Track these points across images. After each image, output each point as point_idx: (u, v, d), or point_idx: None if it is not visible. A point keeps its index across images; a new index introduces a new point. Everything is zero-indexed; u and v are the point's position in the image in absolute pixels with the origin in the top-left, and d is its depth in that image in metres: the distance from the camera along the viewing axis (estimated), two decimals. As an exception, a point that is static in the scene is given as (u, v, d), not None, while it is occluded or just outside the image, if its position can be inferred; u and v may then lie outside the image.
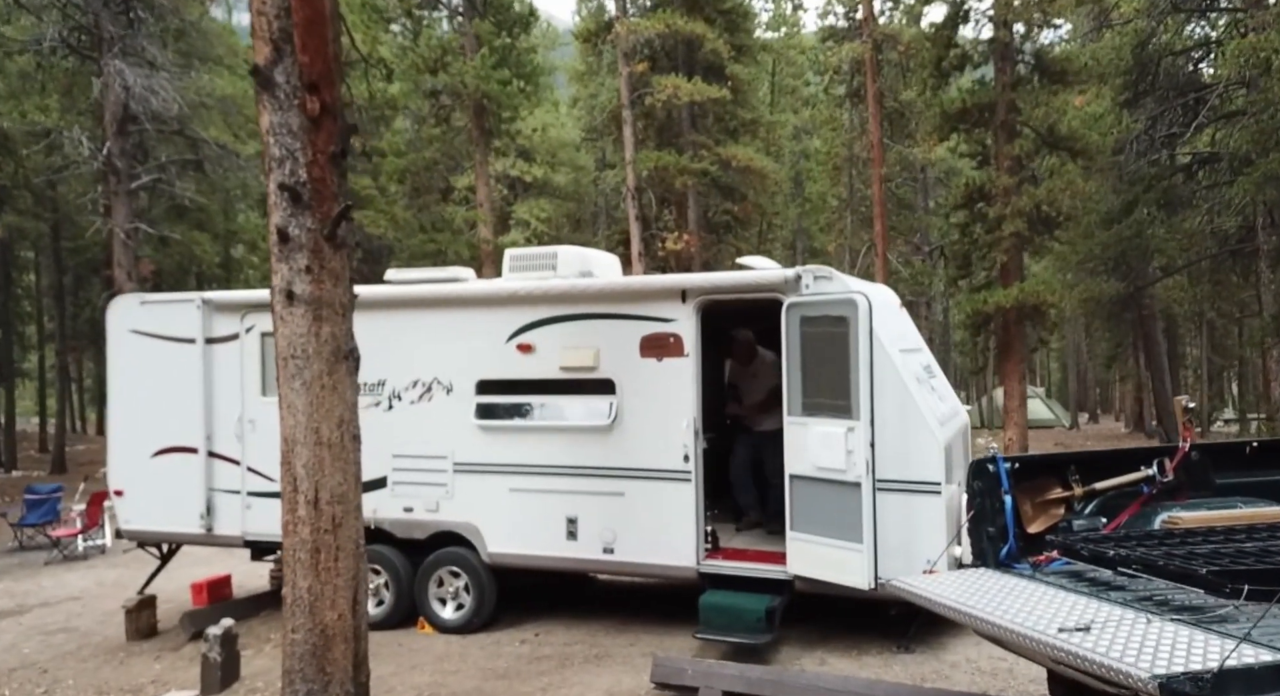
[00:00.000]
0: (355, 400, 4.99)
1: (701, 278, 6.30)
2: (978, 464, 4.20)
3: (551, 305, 6.57)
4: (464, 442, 6.77)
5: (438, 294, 6.82)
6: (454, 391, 6.82)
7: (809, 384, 5.87)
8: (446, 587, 6.83)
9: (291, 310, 4.77)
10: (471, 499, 6.75)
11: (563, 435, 6.57)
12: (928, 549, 5.67)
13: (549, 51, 28.77)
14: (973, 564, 4.23)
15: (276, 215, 4.73)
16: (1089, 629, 3.01)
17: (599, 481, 6.46)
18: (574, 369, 6.53)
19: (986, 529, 4.15)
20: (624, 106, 15.88)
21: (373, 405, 7.01)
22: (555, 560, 6.56)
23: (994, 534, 4.13)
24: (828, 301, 5.78)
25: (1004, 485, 4.14)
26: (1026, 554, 4.12)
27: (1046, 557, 4.01)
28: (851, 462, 5.56)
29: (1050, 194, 11.08)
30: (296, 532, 4.79)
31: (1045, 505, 4.26)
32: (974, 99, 12.14)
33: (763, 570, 6.15)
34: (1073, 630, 3.01)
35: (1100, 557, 3.62)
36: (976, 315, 12.08)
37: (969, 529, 4.20)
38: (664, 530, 6.29)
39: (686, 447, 6.25)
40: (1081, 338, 34.08)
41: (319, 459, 4.80)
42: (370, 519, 6.90)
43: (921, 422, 5.72)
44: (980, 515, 4.17)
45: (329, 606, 4.78)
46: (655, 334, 6.36)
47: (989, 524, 4.15)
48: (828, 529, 5.74)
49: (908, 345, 6.44)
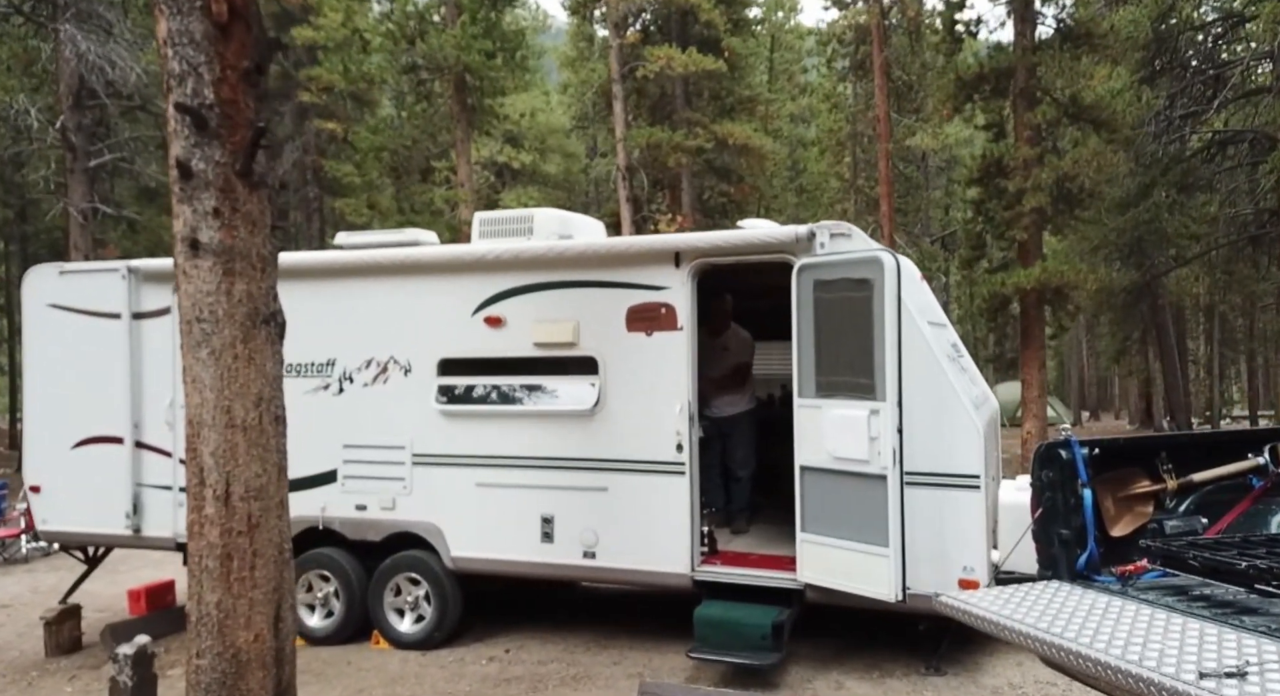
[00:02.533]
0: (279, 373, 4.13)
1: (698, 237, 5.44)
2: (1048, 449, 3.34)
3: (524, 272, 5.70)
4: (424, 431, 5.89)
5: (394, 259, 5.93)
6: (413, 372, 5.94)
7: (825, 359, 5.01)
8: (404, 596, 5.94)
9: (197, 263, 3.90)
10: (433, 495, 5.87)
11: (537, 422, 5.69)
12: (965, 553, 4.83)
13: (539, 34, 27.85)
14: (1040, 574, 3.38)
15: (177, 145, 3.85)
16: (1244, 675, 2.16)
17: (579, 475, 5.59)
18: (550, 345, 5.65)
19: (1059, 531, 3.29)
20: (614, 80, 15.00)
21: (321, 388, 6.13)
22: (528, 566, 5.69)
23: (1069, 537, 3.27)
24: (848, 261, 4.91)
25: (1082, 476, 3.28)
26: (1109, 562, 3.27)
27: (1136, 567, 3.15)
28: (875, 451, 4.70)
29: (1076, 166, 10.25)
30: (203, 535, 3.92)
31: (1130, 501, 3.41)
32: (991, 63, 11.31)
33: (768, 578, 5.29)
34: (1221, 676, 2.16)
35: (1225, 570, 2.76)
36: (994, 298, 11.25)
37: (1035, 531, 3.34)
38: (653, 531, 5.43)
39: (680, 435, 5.39)
40: (1082, 332, 33.34)
41: (231, 445, 3.94)
42: (318, 517, 6.05)
43: (958, 405, 4.87)
44: (1051, 513, 3.31)
45: (243, 625, 3.91)
46: (644, 304, 5.49)
47: (1062, 524, 3.28)
48: (846, 530, 4.88)
49: (934, 319, 5.59)
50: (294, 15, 22.53)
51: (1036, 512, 3.33)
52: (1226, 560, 2.78)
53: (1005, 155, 11.15)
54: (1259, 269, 18.70)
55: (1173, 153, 15.30)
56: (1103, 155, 10.39)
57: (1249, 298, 22.53)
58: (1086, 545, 3.25)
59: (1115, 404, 42.95)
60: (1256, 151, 15.16)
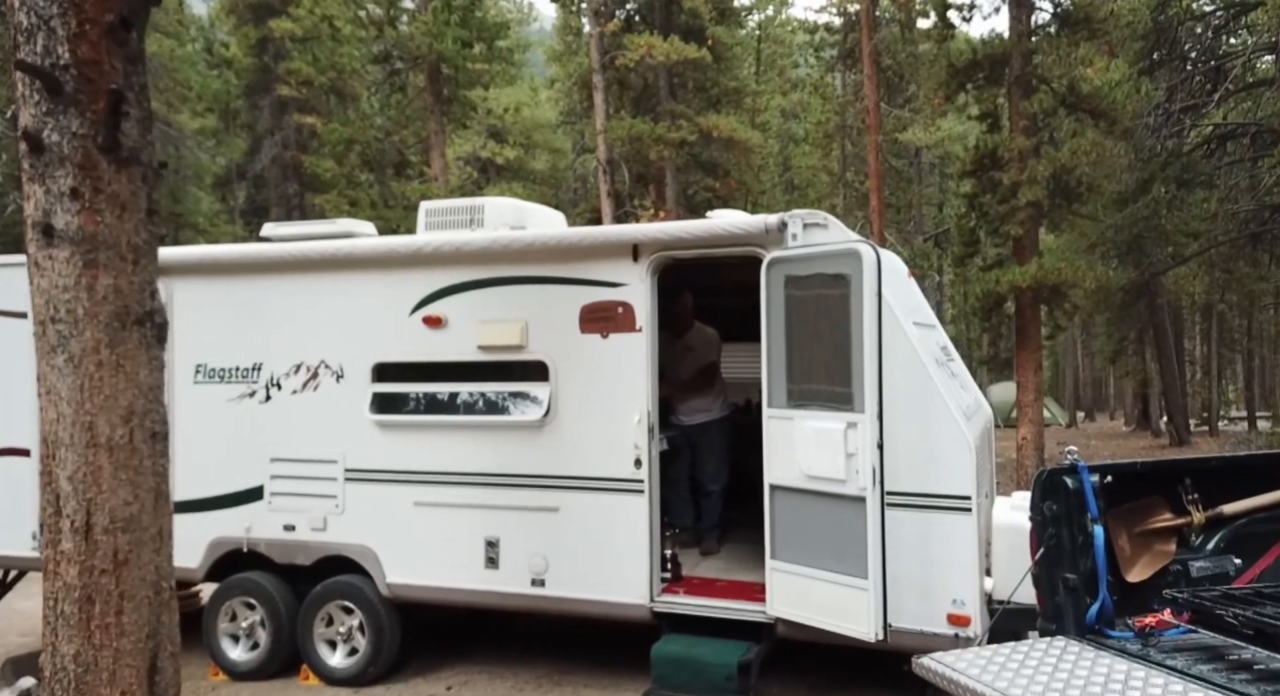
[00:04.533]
0: (156, 383, 3.54)
1: (658, 228, 4.87)
2: (1051, 477, 2.79)
3: (466, 266, 5.12)
4: (358, 443, 5.32)
5: (324, 253, 5.35)
6: (345, 378, 5.36)
7: (797, 365, 4.45)
8: (336, 627, 5.36)
9: (51, 253, 3.33)
10: (367, 515, 5.29)
11: (480, 434, 5.12)
12: (955, 584, 4.27)
13: (523, 26, 27.24)
14: (1042, 626, 2.83)
15: (25, 114, 3.28)
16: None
17: (527, 493, 5.02)
18: (495, 348, 5.08)
19: (1064, 575, 2.74)
20: (594, 71, 14.42)
21: (246, 395, 5.55)
22: (471, 594, 5.11)
23: (1076, 583, 2.72)
24: (822, 255, 4.35)
25: (1092, 509, 2.72)
26: (1124, 612, 2.72)
27: (1158, 621, 2.61)
28: (853, 469, 4.15)
29: (1074, 158, 9.72)
30: (59, 575, 3.35)
31: (1149, 538, 2.85)
32: (986, 50, 10.78)
33: (735, 609, 4.73)
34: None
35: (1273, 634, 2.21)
36: (988, 297, 10.72)
37: (1037, 575, 2.79)
38: (609, 557, 4.86)
39: (639, 449, 4.82)
40: (1077, 331, 32.85)
41: (93, 467, 3.37)
42: (243, 539, 5.47)
43: (946, 416, 4.31)
44: (1055, 554, 2.76)
45: (105, 681, 3.34)
46: (599, 303, 4.93)
47: (1068, 568, 2.73)
48: (821, 558, 4.32)
49: (921, 319, 5.03)
50: (274, 7, 21.94)
51: (1038, 553, 2.78)
52: (1275, 621, 2.23)
53: (1000, 146, 10.60)
54: (1259, 267, 18.22)
55: (1172, 147, 14.79)
56: (1101, 146, 9.86)
57: (1248, 296, 22.04)
58: (1098, 593, 2.70)
59: (1111, 404, 42.48)
60: (1258, 146, 14.65)
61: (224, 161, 25.53)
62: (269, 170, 25.43)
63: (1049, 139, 10.82)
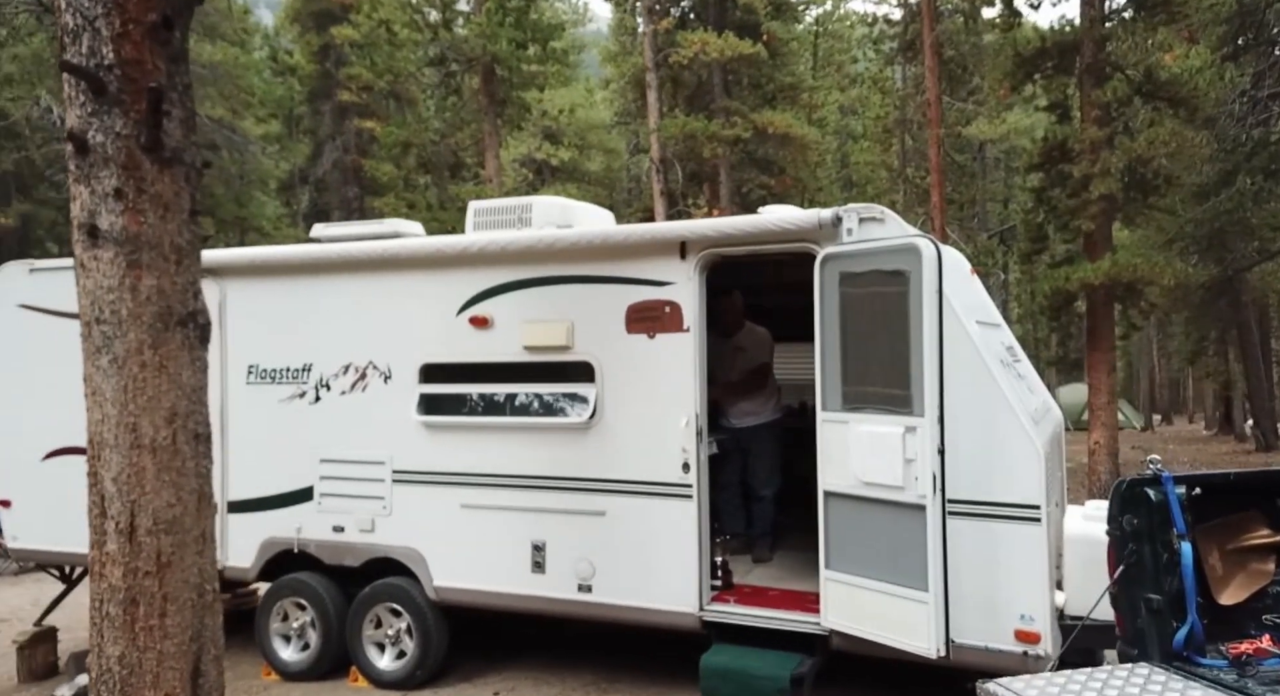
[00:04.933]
0: (199, 384, 3.52)
1: (706, 224, 4.71)
2: (1131, 488, 2.55)
3: (512, 266, 5.04)
4: (405, 445, 5.29)
5: (372, 253, 5.33)
6: (393, 379, 5.33)
7: (852, 366, 4.25)
8: (385, 629, 5.34)
9: (96, 253, 3.34)
10: (414, 517, 5.26)
11: (526, 436, 5.03)
12: (1023, 599, 4.02)
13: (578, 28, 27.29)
14: (1122, 651, 2.60)
15: (71, 115, 3.30)
16: None
17: (573, 497, 4.92)
18: (542, 349, 4.99)
19: (1148, 596, 2.50)
20: (648, 69, 14.30)
21: (296, 396, 5.57)
22: (517, 599, 5.03)
23: (1161, 605, 2.49)
24: (880, 251, 4.14)
25: (1178, 524, 2.49)
26: (1216, 638, 2.48)
27: (1256, 648, 2.37)
28: (911, 476, 3.94)
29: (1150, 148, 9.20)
30: (104, 576, 3.36)
31: (1244, 556, 2.60)
32: (1055, 37, 10.30)
33: (787, 620, 4.54)
34: None
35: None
36: (1057, 295, 10.24)
37: (1116, 596, 2.56)
38: (657, 563, 4.73)
39: (686, 453, 4.68)
40: (1153, 330, 31.50)
41: (137, 469, 3.37)
42: (294, 539, 5.49)
43: (1012, 420, 4.06)
44: (1136, 573, 2.52)
45: (150, 684, 3.33)
46: (646, 302, 4.80)
47: (1152, 588, 2.50)
48: (878, 568, 4.11)
49: (984, 318, 4.78)
50: (335, 14, 22.41)
51: (1117, 571, 2.55)
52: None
53: (1070, 137, 10.11)
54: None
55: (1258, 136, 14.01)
56: (1181, 136, 9.32)
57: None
58: (1186, 616, 2.46)
59: (1189, 407, 40.72)
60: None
61: (287, 166, 26.20)
62: (330, 174, 26.02)
63: (1123, 129, 10.29)
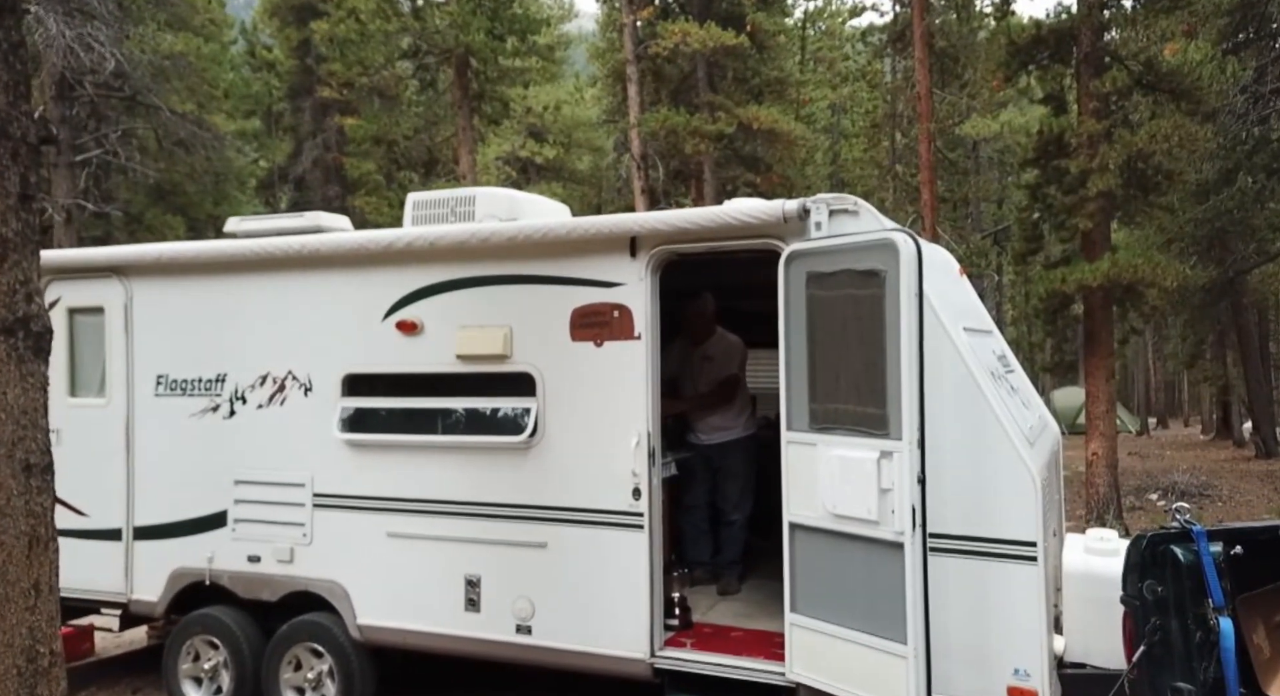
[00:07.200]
0: (35, 404, 2.96)
1: (657, 218, 4.16)
2: (1153, 547, 2.01)
3: (445, 264, 4.49)
4: (326, 465, 4.72)
5: (289, 250, 4.76)
6: (314, 391, 4.77)
7: (821, 380, 3.70)
8: (305, 672, 4.77)
9: (-101, 249, 2.77)
10: (336, 546, 4.69)
11: (460, 456, 4.47)
12: (1016, 650, 3.46)
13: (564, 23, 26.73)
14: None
15: None
16: None
17: (511, 526, 4.36)
18: (476, 358, 4.44)
19: (1175, 685, 1.96)
20: (628, 61, 13.78)
21: (209, 410, 5.00)
22: (448, 640, 4.46)
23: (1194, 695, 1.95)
24: (851, 247, 3.59)
25: (1215, 594, 1.94)
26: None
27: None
28: (888, 509, 3.39)
29: (1152, 142, 8.69)
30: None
31: (1294, 632, 2.06)
32: (1051, 25, 9.79)
33: (749, 669, 3.99)
34: None
35: None
36: (1053, 297, 9.73)
37: (1135, 684, 2.01)
38: (604, 601, 4.17)
39: (637, 477, 4.12)
40: (1149, 332, 31.04)
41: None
42: (205, 570, 4.92)
43: (1004, 443, 3.51)
44: (1162, 656, 1.98)
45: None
46: (592, 305, 4.24)
47: (1181, 674, 1.96)
48: (849, 614, 3.56)
49: (974, 324, 4.24)
50: (316, 8, 21.80)
51: (1137, 653, 2.00)
52: None
53: (1067, 130, 9.59)
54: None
55: (1260, 134, 13.50)
56: (1184, 129, 8.81)
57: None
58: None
59: (1185, 410, 40.26)
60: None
61: (267, 164, 25.58)
62: (311, 173, 25.41)
63: (1123, 122, 9.76)
